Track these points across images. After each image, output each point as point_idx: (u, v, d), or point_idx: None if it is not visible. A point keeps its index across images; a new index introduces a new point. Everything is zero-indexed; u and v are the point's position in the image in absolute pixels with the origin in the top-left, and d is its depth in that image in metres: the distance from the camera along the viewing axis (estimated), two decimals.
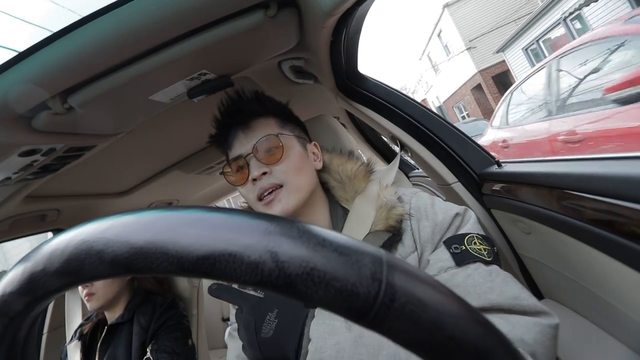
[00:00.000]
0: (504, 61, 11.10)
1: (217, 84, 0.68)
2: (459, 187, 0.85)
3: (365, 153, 1.76)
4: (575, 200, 0.52)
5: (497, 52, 10.89)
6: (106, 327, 1.10)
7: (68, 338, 1.13)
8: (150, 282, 1.28)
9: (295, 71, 0.90)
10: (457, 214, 0.57)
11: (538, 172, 0.62)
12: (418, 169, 1.57)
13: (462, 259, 0.51)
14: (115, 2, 0.44)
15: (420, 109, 0.89)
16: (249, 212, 0.17)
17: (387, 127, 0.91)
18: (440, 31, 14.96)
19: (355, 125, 1.56)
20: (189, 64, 0.60)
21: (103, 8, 0.45)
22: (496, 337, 0.17)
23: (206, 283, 2.08)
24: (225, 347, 2.12)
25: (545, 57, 6.78)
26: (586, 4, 5.56)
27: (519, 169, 0.70)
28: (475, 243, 0.53)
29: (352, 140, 0.95)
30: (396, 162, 0.78)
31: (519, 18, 11.31)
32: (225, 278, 0.15)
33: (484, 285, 0.49)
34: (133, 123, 0.76)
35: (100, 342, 1.08)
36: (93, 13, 0.45)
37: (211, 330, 2.10)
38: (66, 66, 0.47)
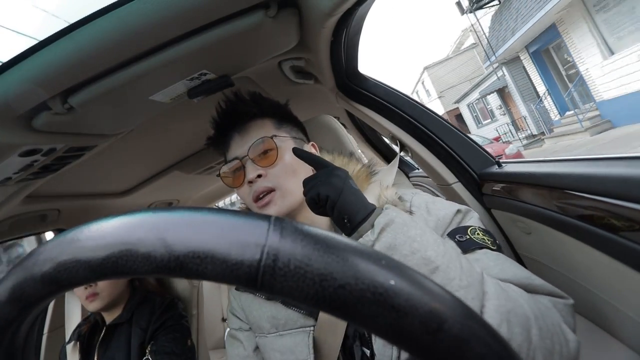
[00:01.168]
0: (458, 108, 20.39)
1: (217, 84, 0.68)
2: (459, 187, 0.85)
3: (365, 153, 1.76)
4: (576, 200, 0.52)
5: (455, 102, 19.52)
6: (104, 328, 1.10)
7: (67, 338, 1.13)
8: (151, 283, 1.28)
9: (296, 71, 0.90)
10: (458, 211, 0.58)
11: (538, 172, 0.62)
12: (418, 169, 1.56)
13: (467, 245, 0.51)
14: (115, 2, 0.44)
15: (420, 108, 0.89)
16: (144, 210, 0.18)
17: (387, 127, 0.91)
18: (423, 81, 24.40)
19: (355, 125, 1.56)
20: (189, 64, 0.60)
21: (103, 8, 0.45)
22: (393, 272, 0.16)
23: (206, 283, 2.08)
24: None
25: (476, 112, 18.05)
26: (489, 94, 14.26)
27: (519, 169, 0.70)
28: (477, 234, 0.53)
29: (352, 140, 0.95)
30: (395, 163, 0.78)
31: (472, 78, 19.65)
32: (129, 273, 0.16)
33: (495, 267, 0.48)
34: (133, 123, 0.76)
35: (98, 342, 1.08)
36: (93, 13, 0.44)
37: (211, 330, 2.10)
38: (66, 66, 0.47)
